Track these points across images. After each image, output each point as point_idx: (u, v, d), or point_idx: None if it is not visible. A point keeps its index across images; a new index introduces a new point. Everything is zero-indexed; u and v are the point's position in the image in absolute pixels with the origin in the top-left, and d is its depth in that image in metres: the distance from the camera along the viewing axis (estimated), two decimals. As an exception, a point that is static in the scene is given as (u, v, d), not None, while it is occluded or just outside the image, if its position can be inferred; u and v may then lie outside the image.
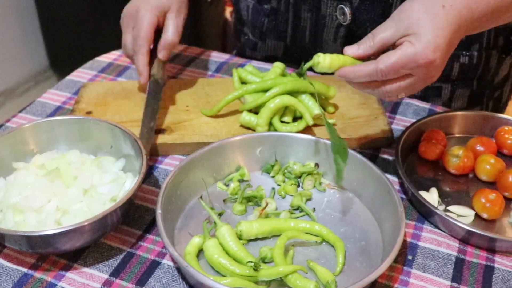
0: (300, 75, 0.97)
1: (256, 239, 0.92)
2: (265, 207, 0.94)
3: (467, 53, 1.25)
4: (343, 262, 0.88)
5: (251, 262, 0.84)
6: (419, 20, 0.86)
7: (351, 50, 0.91)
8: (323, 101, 1.15)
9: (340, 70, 0.91)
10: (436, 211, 0.94)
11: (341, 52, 1.23)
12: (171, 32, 1.15)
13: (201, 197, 0.95)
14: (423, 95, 1.30)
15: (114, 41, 2.75)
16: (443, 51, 0.86)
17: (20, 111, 1.20)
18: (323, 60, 0.91)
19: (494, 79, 1.34)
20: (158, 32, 1.15)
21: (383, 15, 1.18)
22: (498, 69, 1.32)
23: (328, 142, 1.01)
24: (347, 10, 1.19)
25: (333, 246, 0.90)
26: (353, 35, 1.24)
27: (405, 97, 0.92)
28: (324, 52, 1.26)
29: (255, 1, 1.36)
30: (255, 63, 1.36)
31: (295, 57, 1.35)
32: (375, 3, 1.17)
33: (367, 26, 1.21)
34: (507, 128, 1.13)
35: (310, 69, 1.29)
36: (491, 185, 1.05)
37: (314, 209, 0.97)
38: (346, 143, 0.94)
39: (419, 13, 0.87)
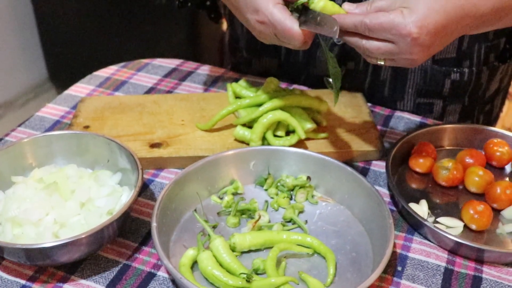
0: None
1: (249, 251, 0.94)
2: (258, 220, 0.97)
3: (458, 70, 1.27)
4: (334, 273, 0.90)
5: (244, 273, 0.86)
6: None
7: (348, 6, 0.93)
8: (315, 114, 1.18)
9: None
10: (425, 222, 0.96)
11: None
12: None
13: (195, 210, 0.97)
14: (415, 111, 1.33)
15: (113, 53, 2.80)
16: (430, 33, 0.87)
17: (19, 125, 1.22)
18: (317, 1, 0.93)
19: (485, 95, 1.36)
20: None
21: None
22: (489, 84, 1.34)
23: (319, 155, 1.03)
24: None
25: (324, 258, 0.92)
26: (346, 54, 1.26)
27: (384, 65, 0.94)
28: (317, 69, 1.29)
29: None
30: (249, 77, 1.38)
31: (289, 73, 1.37)
32: None
33: None
34: (496, 141, 1.15)
35: (305, 82, 1.32)
36: (480, 196, 1.07)
37: (306, 222, 0.99)
38: (340, 70, 1.00)
39: None
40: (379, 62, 0.93)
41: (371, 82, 1.31)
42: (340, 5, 0.93)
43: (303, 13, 0.94)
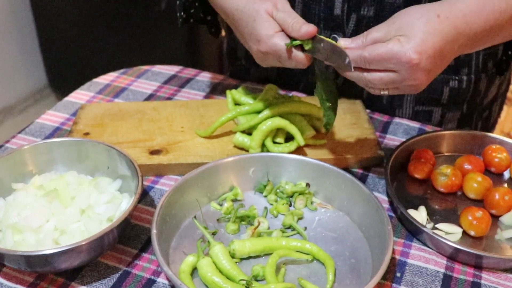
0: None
1: (249, 257, 0.94)
2: (257, 226, 0.97)
3: (456, 77, 1.28)
4: (333, 279, 0.90)
5: (244, 280, 0.87)
6: (411, 23, 0.90)
7: (344, 41, 0.95)
8: (314, 121, 1.18)
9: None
10: (424, 229, 0.97)
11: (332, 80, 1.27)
12: (289, 20, 0.98)
13: (195, 217, 0.97)
14: (414, 118, 1.33)
15: (112, 59, 2.80)
16: (430, 57, 0.89)
17: (19, 132, 1.23)
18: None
19: (483, 102, 1.37)
20: None
21: None
22: (487, 91, 1.35)
23: (318, 162, 1.04)
24: (339, 39, 1.22)
25: (323, 264, 0.93)
26: None
27: (388, 94, 0.94)
28: (315, 77, 1.29)
29: None
30: (249, 84, 1.39)
31: (288, 80, 1.38)
32: None
33: None
34: (494, 147, 1.16)
35: (304, 89, 1.33)
36: (479, 202, 1.08)
37: (305, 228, 0.99)
38: (336, 92, 1.04)
39: (412, 18, 0.91)
40: (382, 92, 0.94)
41: (369, 93, 1.31)
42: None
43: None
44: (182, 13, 1.25)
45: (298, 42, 0.96)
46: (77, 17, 2.89)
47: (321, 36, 0.96)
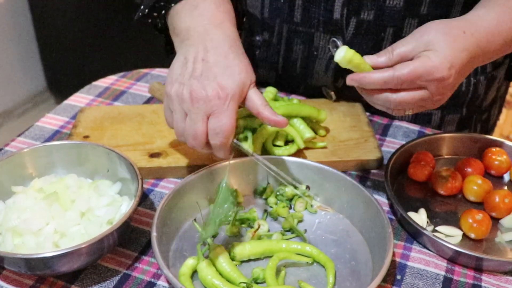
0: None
1: (249, 260, 0.94)
2: (257, 229, 0.97)
3: None
4: (334, 282, 0.90)
5: (244, 282, 0.87)
6: (439, 39, 0.91)
7: (371, 59, 0.94)
8: (314, 124, 1.18)
9: (354, 75, 0.94)
10: (424, 231, 0.97)
11: (332, 83, 1.27)
12: (260, 103, 0.97)
13: (195, 219, 0.97)
14: (413, 121, 1.33)
15: (112, 62, 2.80)
16: (458, 72, 0.91)
17: (19, 135, 1.23)
18: (346, 52, 0.93)
19: (482, 104, 1.37)
20: None
21: (374, 47, 1.21)
22: (487, 94, 1.35)
23: (318, 165, 1.04)
24: (339, 43, 1.22)
25: (323, 267, 0.93)
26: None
27: (412, 113, 0.95)
28: (314, 80, 1.29)
29: (247, 32, 1.39)
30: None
31: (287, 84, 1.38)
32: (367, 36, 1.21)
33: None
34: (494, 149, 1.16)
35: (304, 92, 1.32)
36: (479, 205, 1.08)
37: (305, 231, 0.99)
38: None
39: (439, 34, 0.91)
40: (407, 113, 0.94)
41: None
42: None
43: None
44: (146, 11, 1.19)
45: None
46: (76, 20, 2.90)
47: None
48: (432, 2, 1.15)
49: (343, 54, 0.93)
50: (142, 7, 1.16)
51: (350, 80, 0.94)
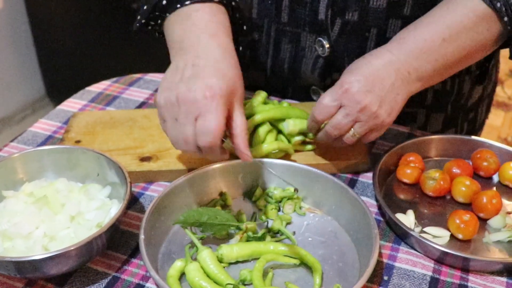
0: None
1: (237, 262, 0.95)
2: (245, 231, 0.98)
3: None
4: (320, 283, 0.91)
5: (230, 284, 0.87)
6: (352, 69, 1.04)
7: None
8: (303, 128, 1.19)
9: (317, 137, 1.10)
10: (411, 232, 0.98)
11: (319, 83, 1.28)
12: (241, 129, 0.97)
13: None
14: (398, 120, 1.34)
15: (110, 68, 2.81)
16: (360, 80, 1.00)
17: (12, 141, 1.24)
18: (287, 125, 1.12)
19: (467, 103, 1.38)
20: None
21: (360, 47, 1.22)
22: (471, 93, 1.37)
23: (307, 167, 1.05)
24: (325, 42, 1.24)
25: (311, 268, 0.93)
26: (331, 66, 1.28)
27: (360, 135, 1.05)
28: (302, 80, 1.31)
29: (236, 35, 1.39)
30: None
31: (276, 86, 1.39)
32: (352, 36, 1.22)
33: (344, 57, 1.25)
34: (483, 151, 1.16)
35: (293, 95, 1.34)
36: (467, 206, 1.08)
37: (294, 233, 1.00)
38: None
39: (353, 66, 1.06)
40: (353, 133, 1.04)
41: None
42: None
43: None
44: (143, 21, 1.19)
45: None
46: (74, 26, 2.91)
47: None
48: (415, 4, 1.16)
49: (289, 128, 1.13)
50: (139, 17, 1.17)
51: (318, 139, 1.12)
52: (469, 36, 1.04)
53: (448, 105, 1.35)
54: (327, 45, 1.23)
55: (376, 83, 1.00)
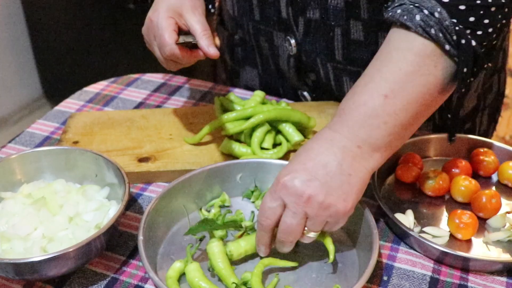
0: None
1: (245, 258, 0.95)
2: (243, 233, 0.98)
3: None
4: (334, 249, 0.92)
5: (235, 283, 0.87)
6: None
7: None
8: (302, 128, 1.18)
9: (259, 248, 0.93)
10: (411, 232, 0.97)
11: (300, 81, 1.27)
12: (199, 31, 1.03)
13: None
14: None
15: (107, 68, 2.81)
16: (296, 170, 0.87)
17: (9, 142, 1.23)
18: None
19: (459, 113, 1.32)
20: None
21: (328, 47, 1.21)
22: (462, 101, 1.31)
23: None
24: (292, 42, 1.24)
25: (309, 269, 0.93)
26: (303, 65, 1.28)
27: (316, 231, 0.90)
28: (288, 80, 1.30)
29: (227, 32, 1.41)
30: (237, 92, 1.40)
31: (268, 84, 1.40)
32: (318, 36, 1.21)
33: (315, 57, 1.24)
34: (482, 150, 1.16)
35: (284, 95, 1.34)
36: (467, 206, 1.08)
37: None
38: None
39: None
40: (311, 235, 0.90)
41: (340, 95, 1.29)
42: None
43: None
44: None
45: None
46: (71, 27, 2.90)
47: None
48: (370, 8, 1.12)
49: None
50: None
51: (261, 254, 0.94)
52: (416, 82, 0.89)
53: (435, 114, 1.28)
54: (294, 44, 1.23)
55: (318, 169, 0.86)
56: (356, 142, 0.89)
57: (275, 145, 1.16)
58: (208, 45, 1.02)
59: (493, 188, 1.14)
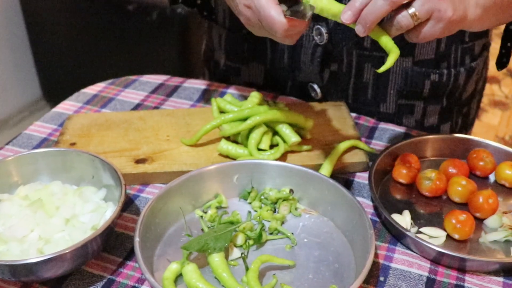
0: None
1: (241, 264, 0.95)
2: (242, 231, 0.98)
3: (437, 71, 1.30)
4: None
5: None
6: None
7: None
8: (299, 129, 1.19)
9: (345, 10, 0.89)
10: (407, 233, 0.97)
11: (318, 74, 1.27)
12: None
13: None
14: (397, 112, 1.35)
15: (106, 70, 2.82)
16: None
17: (7, 144, 1.24)
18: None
19: (462, 96, 1.39)
20: None
21: (357, 36, 1.21)
22: (466, 86, 1.37)
23: (302, 168, 1.04)
24: (323, 30, 1.23)
25: (305, 268, 0.93)
26: (329, 54, 1.28)
27: (417, 14, 0.87)
28: (302, 73, 1.30)
29: (227, 30, 1.40)
30: (236, 88, 1.40)
31: (275, 81, 1.39)
32: None
33: (343, 45, 1.24)
34: (479, 150, 1.16)
35: (291, 91, 1.33)
36: (464, 206, 1.08)
37: (292, 234, 1.00)
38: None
39: None
40: (414, 15, 0.88)
41: (355, 85, 1.33)
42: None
43: (293, 4, 0.91)
44: None
45: None
46: (70, 29, 2.91)
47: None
48: None
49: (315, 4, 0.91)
50: None
51: (343, 19, 0.90)
52: None
53: (443, 97, 1.35)
54: (325, 33, 1.23)
55: None
56: None
57: (272, 146, 1.16)
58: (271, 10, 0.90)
59: (490, 188, 1.14)
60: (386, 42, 0.92)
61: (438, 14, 0.88)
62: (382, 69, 0.91)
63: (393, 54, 0.92)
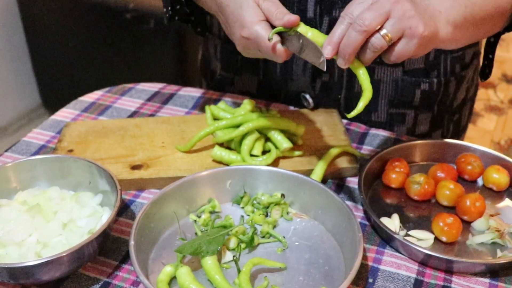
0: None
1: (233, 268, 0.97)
2: (235, 235, 1.00)
3: (427, 80, 1.33)
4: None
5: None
6: None
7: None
8: (291, 135, 1.21)
9: (325, 46, 0.94)
10: (396, 236, 1.00)
11: (310, 84, 1.29)
12: (271, 14, 0.98)
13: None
14: (389, 121, 1.37)
15: (104, 78, 2.84)
16: None
17: (6, 151, 1.26)
18: (305, 31, 0.97)
19: (453, 104, 1.41)
20: None
21: None
22: (456, 94, 1.40)
23: (293, 173, 1.07)
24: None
25: (296, 270, 0.96)
26: None
27: (391, 37, 0.92)
28: (294, 83, 1.32)
29: (222, 41, 1.43)
30: (230, 97, 1.43)
31: (268, 91, 1.42)
32: None
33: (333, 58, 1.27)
34: (467, 155, 1.19)
35: (284, 100, 1.35)
36: (452, 209, 1.11)
37: (284, 237, 1.02)
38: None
39: None
40: (386, 36, 0.91)
41: (346, 95, 1.36)
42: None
43: (287, 34, 0.97)
44: (169, 8, 1.26)
45: (280, 29, 0.96)
46: (69, 36, 2.93)
47: (302, 32, 0.97)
48: None
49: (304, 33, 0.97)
50: (164, 10, 1.25)
51: (326, 53, 0.94)
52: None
53: (434, 105, 1.38)
54: None
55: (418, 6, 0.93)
56: (438, 7, 0.97)
57: (264, 152, 1.19)
58: (283, 14, 0.97)
59: (478, 192, 1.16)
60: (363, 80, 0.96)
61: (409, 31, 0.91)
62: (352, 114, 0.96)
63: (365, 97, 0.95)
